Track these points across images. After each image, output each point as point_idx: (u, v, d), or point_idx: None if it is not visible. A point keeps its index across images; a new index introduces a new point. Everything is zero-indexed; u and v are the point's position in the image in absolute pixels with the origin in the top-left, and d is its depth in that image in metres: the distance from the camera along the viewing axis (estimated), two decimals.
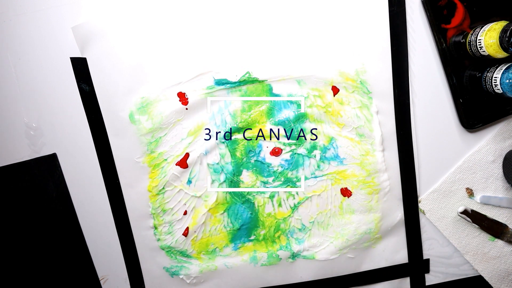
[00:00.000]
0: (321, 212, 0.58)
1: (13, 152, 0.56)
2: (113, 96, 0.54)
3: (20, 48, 0.53)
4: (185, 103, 0.54)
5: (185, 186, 0.57)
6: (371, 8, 0.52)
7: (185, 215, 0.58)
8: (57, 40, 0.53)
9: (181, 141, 0.55)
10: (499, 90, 0.49)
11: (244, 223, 0.58)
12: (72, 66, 0.54)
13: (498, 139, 0.57)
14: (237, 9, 0.52)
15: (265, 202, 0.58)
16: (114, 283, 0.61)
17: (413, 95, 0.55)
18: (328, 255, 0.59)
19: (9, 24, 0.53)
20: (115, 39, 0.52)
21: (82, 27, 0.52)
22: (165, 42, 0.52)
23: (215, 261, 0.60)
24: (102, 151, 0.56)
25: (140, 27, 0.52)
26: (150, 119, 0.54)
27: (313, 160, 0.56)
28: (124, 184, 0.57)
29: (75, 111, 0.55)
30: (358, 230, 0.58)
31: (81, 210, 0.59)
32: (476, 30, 0.50)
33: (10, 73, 0.54)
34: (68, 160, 0.57)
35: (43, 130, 0.56)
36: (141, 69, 0.53)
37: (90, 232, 0.59)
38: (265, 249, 0.59)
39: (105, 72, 0.53)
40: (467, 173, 0.58)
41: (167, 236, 0.59)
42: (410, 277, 0.61)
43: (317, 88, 0.54)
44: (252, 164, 0.56)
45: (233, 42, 0.53)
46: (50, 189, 0.58)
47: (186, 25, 0.52)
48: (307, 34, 0.53)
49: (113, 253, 0.60)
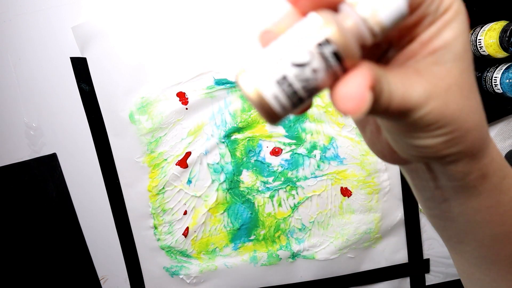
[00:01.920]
0: (321, 212, 0.58)
1: (13, 152, 0.56)
2: (113, 96, 0.54)
3: (20, 48, 0.53)
4: (185, 103, 0.54)
5: (185, 186, 0.57)
6: None
7: (185, 215, 0.58)
8: (57, 40, 0.53)
9: (181, 141, 0.55)
10: (499, 90, 0.49)
11: (244, 223, 0.58)
12: (72, 66, 0.54)
13: (498, 139, 0.56)
14: (237, 9, 0.52)
15: (265, 202, 0.58)
16: (114, 283, 0.61)
17: None
18: (328, 255, 0.59)
19: (9, 24, 0.53)
20: (115, 39, 0.52)
21: (82, 27, 0.52)
22: (165, 42, 0.52)
23: (215, 261, 0.60)
24: (102, 151, 0.56)
25: (140, 27, 0.52)
26: (150, 119, 0.54)
27: (313, 160, 0.56)
28: (124, 184, 0.57)
29: (75, 111, 0.55)
30: (358, 230, 0.58)
31: (81, 210, 0.59)
32: (476, 30, 0.50)
33: (10, 73, 0.54)
34: (68, 160, 0.57)
35: (43, 130, 0.56)
36: (141, 69, 0.53)
37: (90, 232, 0.59)
38: (265, 249, 0.59)
39: (105, 72, 0.53)
40: None
41: (167, 236, 0.59)
42: (410, 277, 0.61)
43: None
44: (252, 164, 0.56)
45: (233, 42, 0.53)
46: (50, 189, 0.58)
47: (186, 25, 0.52)
48: None
49: (113, 253, 0.60)
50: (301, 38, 0.16)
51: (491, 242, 0.25)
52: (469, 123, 0.20)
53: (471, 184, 0.22)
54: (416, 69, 0.19)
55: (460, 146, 0.20)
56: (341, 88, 0.16)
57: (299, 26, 0.16)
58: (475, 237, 0.25)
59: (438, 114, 0.19)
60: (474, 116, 0.20)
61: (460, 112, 0.19)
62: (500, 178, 0.23)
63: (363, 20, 0.16)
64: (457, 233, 0.26)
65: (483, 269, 0.27)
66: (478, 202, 0.23)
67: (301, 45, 0.16)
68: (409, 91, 0.18)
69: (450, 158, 0.21)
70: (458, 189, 0.23)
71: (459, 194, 0.23)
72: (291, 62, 0.16)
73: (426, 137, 0.20)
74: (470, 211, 0.24)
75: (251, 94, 0.16)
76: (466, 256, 0.28)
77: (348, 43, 0.16)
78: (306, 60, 0.16)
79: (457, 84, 0.19)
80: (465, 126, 0.20)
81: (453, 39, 0.19)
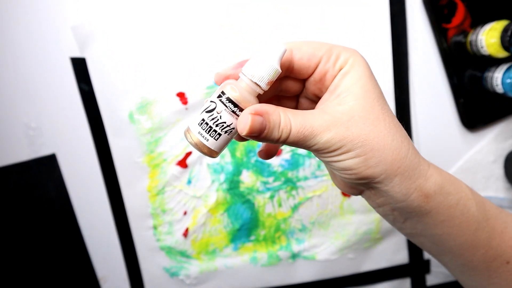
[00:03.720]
0: (322, 212, 0.58)
1: (12, 152, 0.56)
2: (112, 96, 0.54)
3: (19, 47, 0.53)
4: (185, 102, 0.54)
5: (185, 186, 0.57)
6: (371, 7, 0.52)
7: (185, 215, 0.58)
8: (57, 40, 0.53)
9: (181, 141, 0.55)
10: (500, 89, 0.49)
11: (244, 223, 0.58)
12: (72, 66, 0.53)
13: (500, 139, 0.56)
14: (237, 8, 0.52)
15: (265, 202, 0.57)
16: (114, 283, 0.61)
17: (413, 95, 0.55)
18: (328, 256, 0.59)
19: (9, 24, 0.53)
20: (115, 39, 0.52)
21: (82, 27, 0.52)
22: (164, 42, 0.52)
23: (215, 262, 0.59)
24: (102, 151, 0.56)
25: (140, 26, 0.52)
26: (149, 118, 0.54)
27: (314, 160, 0.56)
28: (123, 184, 0.57)
29: (75, 111, 0.55)
30: (358, 230, 0.58)
31: (81, 210, 0.58)
32: (477, 29, 0.50)
33: (10, 73, 0.54)
34: (67, 160, 0.57)
35: (42, 130, 0.56)
36: (141, 68, 0.53)
37: (89, 232, 0.59)
38: (265, 249, 0.59)
39: (105, 72, 0.53)
40: (468, 173, 0.57)
41: (167, 237, 0.58)
42: (410, 277, 0.61)
43: None
44: (252, 164, 0.56)
45: (233, 42, 0.52)
46: (49, 189, 0.57)
47: (185, 24, 0.52)
48: (307, 34, 0.52)
49: (112, 253, 0.60)
50: (212, 96, 0.26)
51: (460, 251, 0.27)
52: (380, 145, 0.24)
53: (415, 203, 0.25)
54: (322, 109, 0.26)
55: (381, 167, 0.24)
56: (238, 119, 0.25)
57: (215, 91, 0.26)
58: (445, 249, 0.28)
59: (341, 138, 0.24)
60: (385, 139, 0.24)
61: (366, 136, 0.24)
62: (444, 194, 0.26)
63: (248, 79, 0.25)
64: (430, 246, 0.29)
65: (467, 275, 0.29)
66: (431, 218, 0.26)
67: (210, 99, 0.26)
68: (308, 122, 0.24)
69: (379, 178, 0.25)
70: (407, 209, 0.26)
71: (411, 213, 0.26)
72: (204, 109, 0.25)
73: (343, 160, 0.24)
74: (429, 226, 0.27)
75: (187, 136, 0.26)
76: (449, 266, 0.30)
77: (237, 94, 0.25)
78: (212, 107, 0.25)
79: (360, 116, 0.24)
80: (376, 148, 0.24)
81: (351, 85, 0.25)
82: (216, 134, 0.25)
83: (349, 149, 0.24)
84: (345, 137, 0.24)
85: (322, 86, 0.27)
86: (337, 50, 0.25)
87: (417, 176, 0.25)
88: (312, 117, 0.24)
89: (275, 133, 0.24)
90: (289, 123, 0.24)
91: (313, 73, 0.26)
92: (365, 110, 0.24)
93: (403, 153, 0.25)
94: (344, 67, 0.25)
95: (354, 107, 0.24)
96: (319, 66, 0.26)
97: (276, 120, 0.24)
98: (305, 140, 0.24)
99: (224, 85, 0.26)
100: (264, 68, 0.24)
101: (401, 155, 0.24)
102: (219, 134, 0.25)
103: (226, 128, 0.25)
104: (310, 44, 0.26)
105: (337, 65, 0.25)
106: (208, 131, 0.25)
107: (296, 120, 0.24)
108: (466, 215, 0.26)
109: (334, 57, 0.25)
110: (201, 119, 0.25)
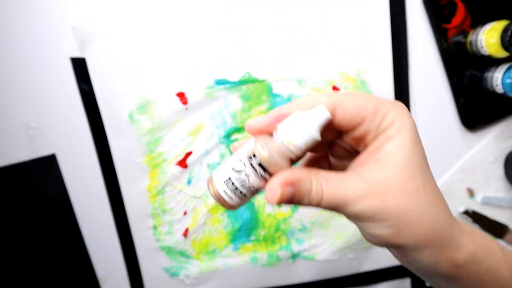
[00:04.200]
0: (322, 213, 0.58)
1: (12, 153, 0.56)
2: (112, 96, 0.54)
3: (19, 47, 0.53)
4: (185, 103, 0.54)
5: (185, 186, 0.56)
6: (371, 7, 0.52)
7: (185, 216, 0.58)
8: (57, 40, 0.53)
9: (181, 141, 0.55)
10: (500, 89, 0.49)
11: (244, 223, 0.58)
12: (72, 66, 0.53)
13: (499, 139, 0.56)
14: (237, 8, 0.52)
15: (265, 202, 0.57)
16: (114, 283, 0.61)
17: (413, 95, 0.55)
18: (328, 256, 0.59)
19: (9, 24, 0.53)
20: (115, 39, 0.52)
21: (82, 27, 0.52)
22: (164, 42, 0.52)
23: (215, 262, 0.59)
24: (102, 151, 0.56)
25: (140, 26, 0.52)
26: (149, 119, 0.54)
27: None
28: (123, 184, 0.57)
29: (75, 111, 0.55)
30: (358, 230, 0.58)
31: (81, 210, 0.58)
32: (477, 29, 0.50)
33: (10, 73, 0.54)
34: (67, 160, 0.57)
35: (42, 130, 0.56)
36: (141, 68, 0.53)
37: (89, 232, 0.59)
38: (265, 249, 0.59)
39: (105, 72, 0.53)
40: (468, 173, 0.57)
41: (167, 237, 0.58)
42: (410, 277, 0.61)
43: (318, 88, 0.54)
44: None
45: (233, 42, 0.52)
46: (49, 189, 0.57)
47: (185, 24, 0.52)
48: (307, 34, 0.52)
49: (112, 253, 0.60)
50: (242, 153, 0.24)
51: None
52: (415, 219, 0.23)
53: (444, 271, 0.25)
54: (358, 173, 0.24)
55: (413, 239, 0.23)
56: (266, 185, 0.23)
57: (246, 145, 0.24)
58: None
59: (375, 209, 0.23)
60: (422, 213, 0.23)
61: (402, 211, 0.23)
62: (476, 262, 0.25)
63: (282, 143, 0.23)
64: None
65: None
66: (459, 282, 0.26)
67: (240, 157, 0.24)
68: (342, 190, 0.23)
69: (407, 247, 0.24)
70: (434, 273, 0.25)
71: (437, 277, 0.26)
72: (232, 168, 0.24)
73: (373, 228, 0.24)
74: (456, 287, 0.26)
75: (211, 190, 0.25)
76: None
77: (268, 158, 0.23)
78: (241, 168, 0.23)
79: (399, 187, 0.23)
80: (410, 221, 0.23)
81: (394, 151, 0.23)
82: (241, 194, 0.24)
83: (381, 219, 0.23)
84: (379, 208, 0.23)
85: (361, 142, 0.25)
86: (383, 109, 0.23)
87: (449, 246, 0.24)
88: (346, 184, 0.23)
89: (304, 201, 0.23)
90: (321, 192, 0.23)
91: (353, 129, 0.24)
92: (405, 180, 0.23)
93: (439, 226, 0.24)
94: (389, 130, 0.23)
95: (394, 176, 0.23)
96: (362, 125, 0.24)
97: (307, 188, 0.23)
98: (336, 208, 0.24)
99: (255, 143, 0.23)
100: (303, 137, 0.22)
101: (436, 229, 0.24)
102: (244, 195, 0.24)
103: (252, 189, 0.24)
104: (355, 99, 0.24)
105: (381, 127, 0.23)
106: (233, 190, 0.24)
107: (329, 188, 0.23)
108: (498, 281, 0.26)
109: (380, 117, 0.23)
110: (228, 177, 0.24)
